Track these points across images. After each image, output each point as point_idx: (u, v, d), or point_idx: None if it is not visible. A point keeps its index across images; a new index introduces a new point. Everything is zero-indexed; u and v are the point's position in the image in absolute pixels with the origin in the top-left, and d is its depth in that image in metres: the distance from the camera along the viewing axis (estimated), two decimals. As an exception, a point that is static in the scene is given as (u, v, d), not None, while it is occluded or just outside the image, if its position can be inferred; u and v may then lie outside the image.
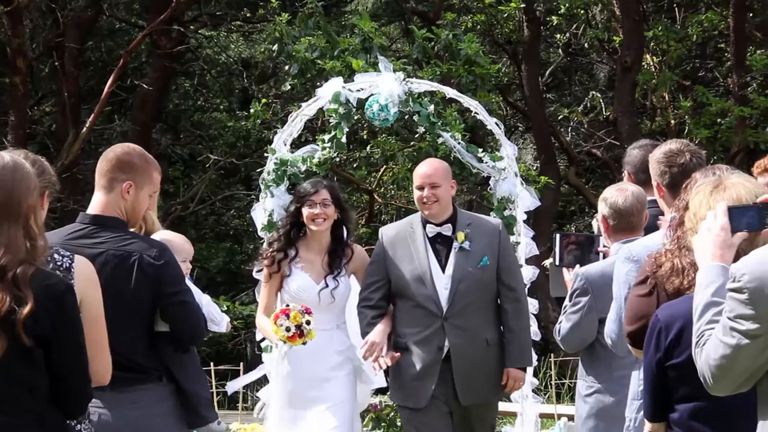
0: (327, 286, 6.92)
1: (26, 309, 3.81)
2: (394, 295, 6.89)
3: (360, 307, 6.92)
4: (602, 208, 6.01)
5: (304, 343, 6.55)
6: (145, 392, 5.04)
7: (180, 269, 5.26)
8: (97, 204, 5.14)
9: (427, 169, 6.85)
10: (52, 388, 3.96)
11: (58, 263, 4.29)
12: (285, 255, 6.98)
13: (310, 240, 7.02)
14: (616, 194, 5.98)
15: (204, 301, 5.63)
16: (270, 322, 6.57)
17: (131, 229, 5.23)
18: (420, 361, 6.75)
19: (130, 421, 4.92)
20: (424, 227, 6.82)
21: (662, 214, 5.58)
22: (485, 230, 6.84)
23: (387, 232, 7.03)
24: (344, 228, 7.05)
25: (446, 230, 6.79)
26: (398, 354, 6.73)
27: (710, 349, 3.32)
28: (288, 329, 6.50)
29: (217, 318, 6.16)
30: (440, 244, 6.81)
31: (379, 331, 6.76)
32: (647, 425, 4.28)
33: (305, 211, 6.91)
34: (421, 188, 6.78)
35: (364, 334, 6.83)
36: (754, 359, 3.28)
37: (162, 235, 5.82)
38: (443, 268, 6.78)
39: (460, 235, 6.76)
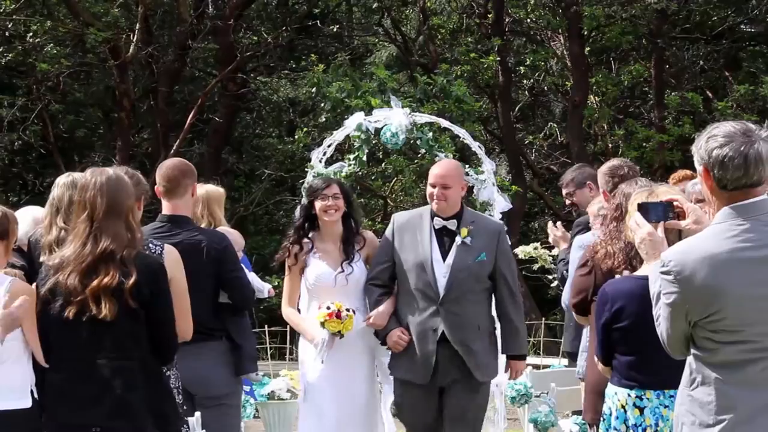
0: (343, 271, 5.88)
1: (132, 280, 3.91)
2: (397, 277, 5.91)
3: (368, 284, 5.91)
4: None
5: (341, 334, 5.73)
6: (207, 348, 5.07)
7: (235, 253, 5.28)
8: (170, 207, 5.17)
9: (441, 170, 5.88)
10: (151, 340, 4.00)
11: (152, 250, 4.34)
12: (301, 247, 5.95)
13: (323, 232, 5.97)
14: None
15: (250, 276, 5.60)
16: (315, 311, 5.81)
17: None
18: (416, 342, 5.74)
19: (195, 370, 4.92)
20: (432, 219, 5.84)
21: None
22: (487, 230, 5.87)
23: (399, 218, 6.01)
24: (352, 219, 6.04)
25: (451, 225, 5.81)
26: (407, 337, 5.75)
27: (660, 323, 3.32)
28: (329, 308, 5.72)
29: (259, 287, 5.92)
30: (445, 237, 5.82)
31: (383, 313, 5.81)
32: (600, 366, 4.30)
33: (318, 204, 5.90)
34: (433, 186, 5.81)
35: (370, 309, 5.86)
36: (681, 322, 3.27)
37: (225, 229, 5.80)
38: (444, 258, 5.80)
39: (464, 231, 5.79)
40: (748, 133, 3.25)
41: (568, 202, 7.03)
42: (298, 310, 6.06)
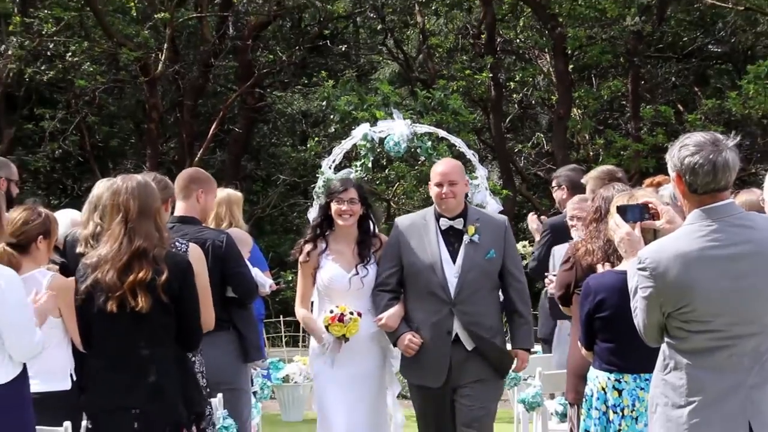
0: (357, 273, 5.31)
1: (164, 277, 3.91)
2: (405, 281, 5.30)
3: (377, 290, 5.31)
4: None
5: (345, 338, 5.21)
6: (218, 338, 4.99)
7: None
8: (179, 208, 5.17)
9: (444, 167, 5.31)
10: (179, 330, 4.02)
11: (178, 248, 4.33)
12: (314, 246, 5.38)
13: (338, 234, 5.39)
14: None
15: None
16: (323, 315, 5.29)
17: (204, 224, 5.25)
18: (430, 344, 5.17)
19: (207, 358, 4.88)
20: (437, 220, 5.26)
21: None
22: (493, 226, 5.30)
23: (402, 222, 5.40)
24: (371, 221, 5.46)
25: (458, 224, 5.24)
26: (419, 340, 5.20)
27: (637, 314, 3.33)
28: (332, 311, 5.22)
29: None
30: (452, 237, 5.25)
31: (394, 315, 5.24)
32: (583, 351, 4.31)
33: (334, 207, 5.33)
34: (440, 185, 5.23)
35: (379, 313, 5.28)
36: (656, 314, 3.27)
37: (234, 230, 5.75)
38: (454, 259, 5.22)
39: (471, 229, 5.22)
40: (716, 142, 3.29)
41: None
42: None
